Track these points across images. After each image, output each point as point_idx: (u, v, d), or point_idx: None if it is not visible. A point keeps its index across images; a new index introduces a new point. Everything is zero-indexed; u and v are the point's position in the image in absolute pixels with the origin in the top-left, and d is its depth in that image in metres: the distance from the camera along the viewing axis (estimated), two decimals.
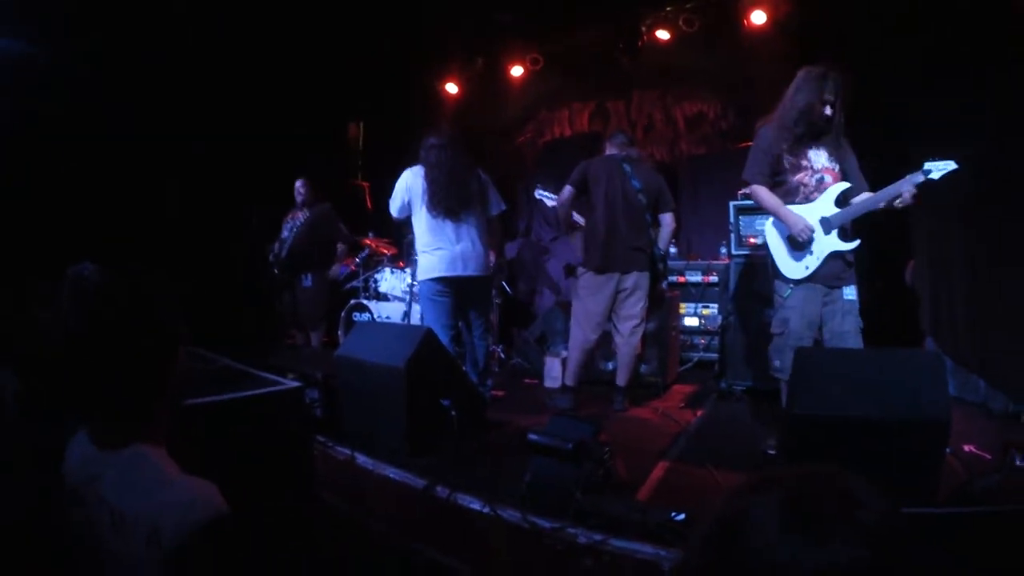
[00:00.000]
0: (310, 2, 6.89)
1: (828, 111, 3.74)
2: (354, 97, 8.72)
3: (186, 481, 1.38)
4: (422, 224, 4.79)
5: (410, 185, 4.81)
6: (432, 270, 4.75)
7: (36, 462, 1.84)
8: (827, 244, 3.79)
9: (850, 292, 3.81)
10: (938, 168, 3.46)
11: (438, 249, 4.74)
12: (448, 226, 4.73)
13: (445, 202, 4.69)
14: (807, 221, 3.80)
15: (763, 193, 3.93)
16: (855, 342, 3.76)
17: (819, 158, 3.86)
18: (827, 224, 3.80)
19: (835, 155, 3.87)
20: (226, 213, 6.84)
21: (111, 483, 1.40)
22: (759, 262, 5.39)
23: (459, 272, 4.75)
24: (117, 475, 1.40)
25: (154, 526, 1.29)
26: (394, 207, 4.92)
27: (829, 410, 2.73)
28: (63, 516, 1.52)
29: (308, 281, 6.54)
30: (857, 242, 3.77)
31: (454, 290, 4.78)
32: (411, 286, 6.01)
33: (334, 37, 7.45)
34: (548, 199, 6.25)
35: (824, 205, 3.82)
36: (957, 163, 3.45)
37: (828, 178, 3.84)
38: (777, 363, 3.87)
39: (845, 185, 3.83)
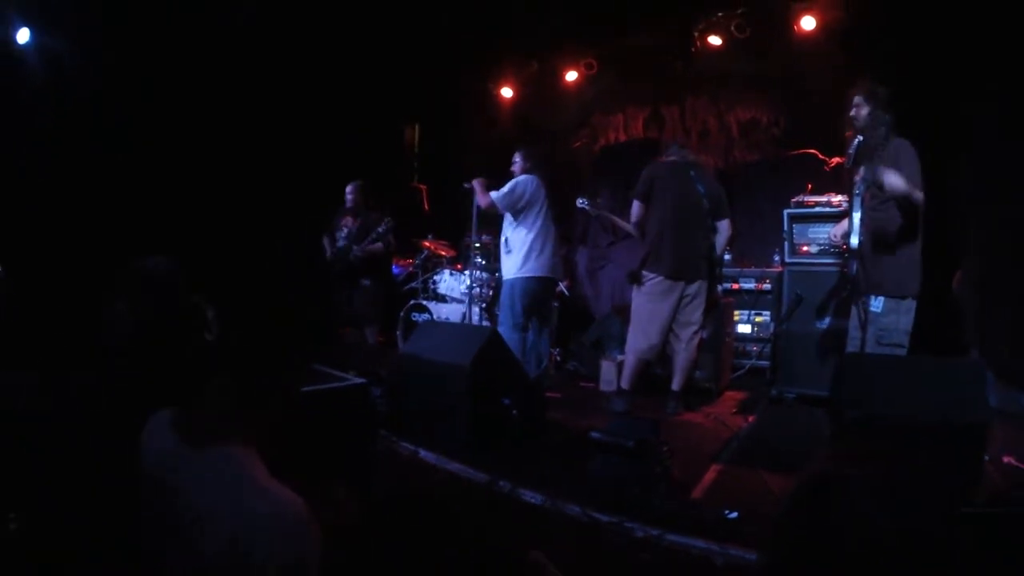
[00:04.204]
0: (366, 8, 7.10)
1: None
2: (410, 101, 8.88)
3: (276, 492, 1.32)
4: (536, 226, 5.38)
5: (535, 191, 5.38)
6: (540, 269, 5.32)
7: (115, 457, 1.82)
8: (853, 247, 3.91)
9: (874, 303, 3.89)
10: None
11: (548, 252, 5.34)
12: (553, 232, 5.38)
13: (554, 211, 5.40)
14: (837, 227, 4.42)
15: None
16: (872, 350, 3.83)
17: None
18: (854, 229, 3.89)
19: (871, 164, 3.91)
20: (284, 214, 7.07)
21: (192, 480, 1.35)
22: (812, 270, 5.42)
23: (557, 275, 5.53)
24: (200, 474, 1.35)
25: (236, 532, 1.25)
26: (507, 201, 5.36)
27: (874, 411, 2.84)
28: (145, 506, 1.45)
29: (368, 281, 6.71)
30: (853, 242, 3.79)
31: (543, 288, 5.36)
32: (470, 288, 6.16)
33: (391, 42, 7.63)
34: (590, 209, 6.37)
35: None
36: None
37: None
38: None
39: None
